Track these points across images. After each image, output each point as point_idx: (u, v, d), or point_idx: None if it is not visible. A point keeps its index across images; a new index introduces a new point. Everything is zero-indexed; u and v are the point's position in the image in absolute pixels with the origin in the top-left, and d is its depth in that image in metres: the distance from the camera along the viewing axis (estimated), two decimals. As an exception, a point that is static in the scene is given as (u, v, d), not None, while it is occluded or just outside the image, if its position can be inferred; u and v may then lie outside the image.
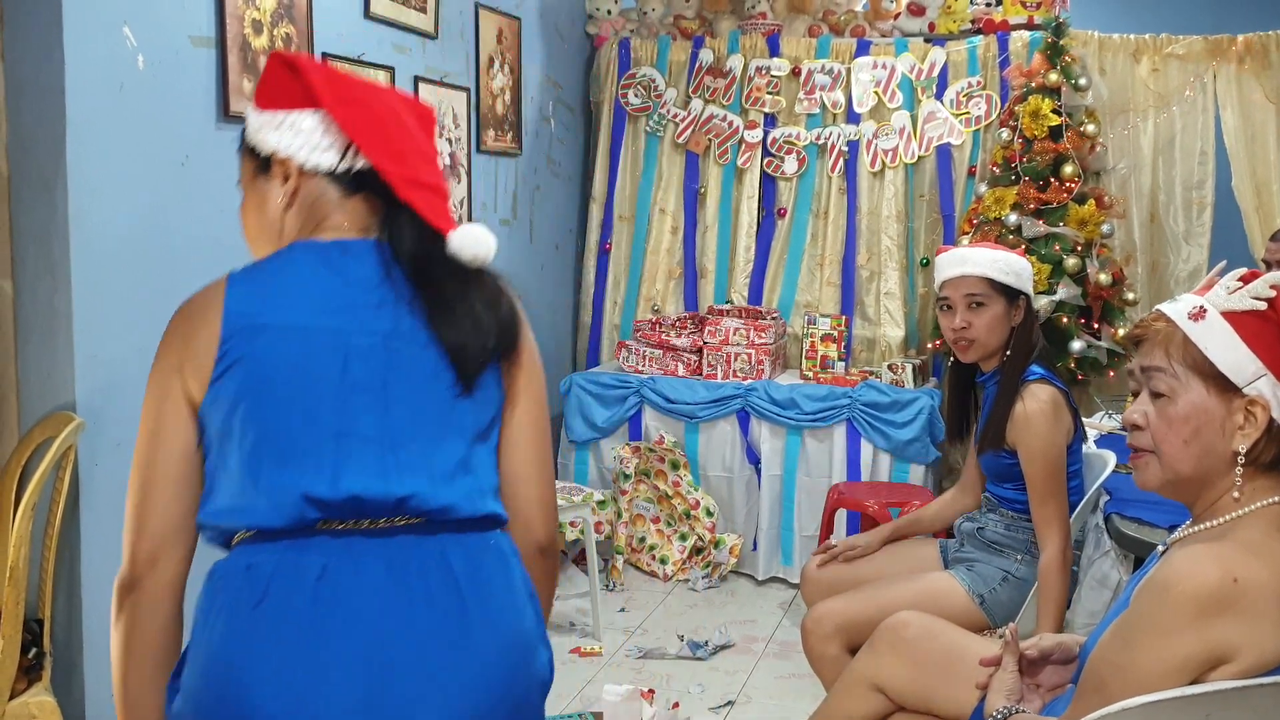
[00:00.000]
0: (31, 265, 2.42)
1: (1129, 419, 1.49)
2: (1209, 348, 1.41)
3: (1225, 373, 1.40)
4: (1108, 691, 1.37)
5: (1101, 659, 1.42)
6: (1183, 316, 1.45)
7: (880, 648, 2.08)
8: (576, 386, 4.40)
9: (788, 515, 4.22)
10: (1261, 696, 1.33)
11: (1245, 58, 4.39)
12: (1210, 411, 1.42)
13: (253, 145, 1.42)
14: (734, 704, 3.24)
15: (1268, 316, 1.40)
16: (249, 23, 2.83)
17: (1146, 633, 1.36)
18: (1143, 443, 1.48)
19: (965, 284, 2.54)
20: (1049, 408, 2.44)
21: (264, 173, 1.42)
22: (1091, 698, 1.40)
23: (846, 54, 4.61)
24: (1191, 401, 1.42)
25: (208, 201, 2.74)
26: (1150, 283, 4.53)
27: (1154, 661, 1.34)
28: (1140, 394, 1.50)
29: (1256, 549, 1.35)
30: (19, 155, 2.42)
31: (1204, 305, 1.44)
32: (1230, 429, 1.41)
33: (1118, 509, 2.51)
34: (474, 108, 4.01)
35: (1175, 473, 1.45)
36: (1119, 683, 1.37)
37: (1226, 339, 1.41)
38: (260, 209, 1.44)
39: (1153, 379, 1.46)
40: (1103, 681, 1.40)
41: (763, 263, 4.74)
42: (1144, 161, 4.50)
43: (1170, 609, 1.33)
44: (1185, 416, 1.43)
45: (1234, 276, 1.45)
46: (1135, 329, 1.52)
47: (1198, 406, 1.42)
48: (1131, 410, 1.49)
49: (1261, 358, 1.39)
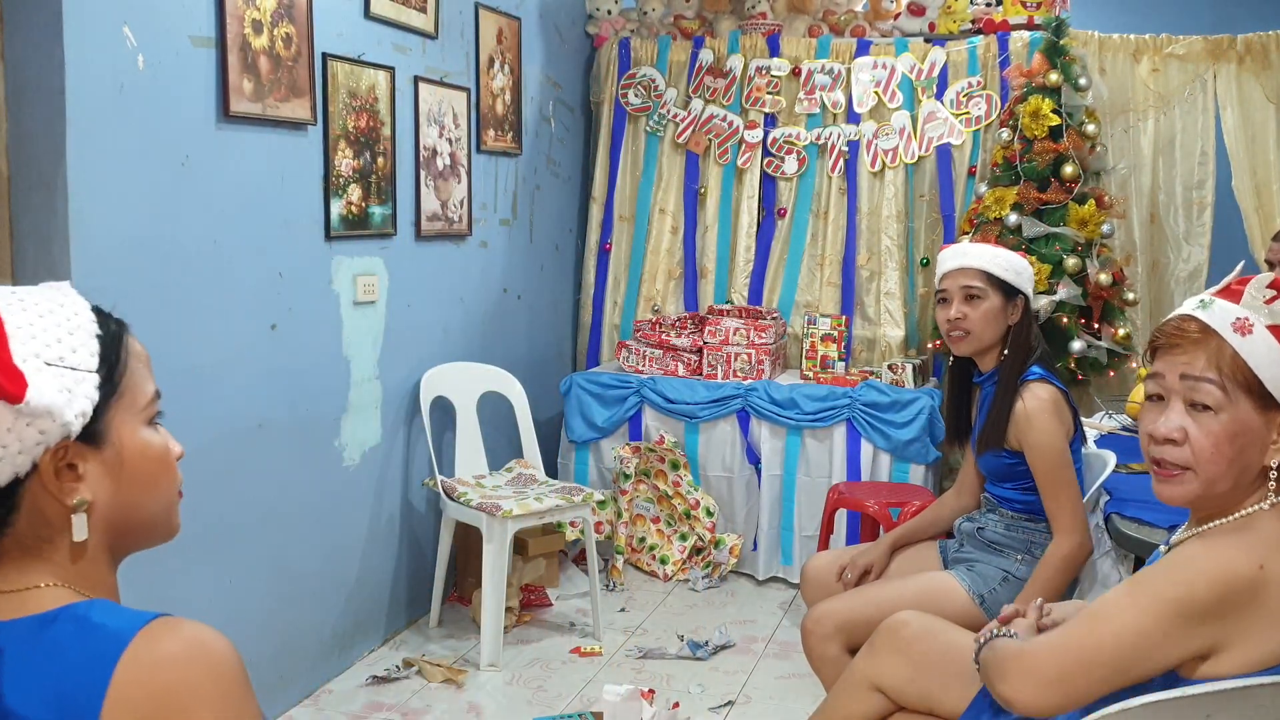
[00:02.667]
0: (31, 265, 2.42)
1: (1164, 434, 1.41)
2: (1259, 365, 1.37)
3: (1272, 391, 1.37)
4: (1097, 621, 1.41)
5: (1106, 596, 1.45)
6: (1227, 328, 1.38)
7: (880, 648, 2.08)
8: (576, 386, 4.40)
9: (788, 515, 4.22)
10: (1262, 696, 1.33)
11: (1245, 58, 4.39)
12: (1255, 430, 1.38)
13: None
14: (734, 704, 3.24)
15: None
16: (249, 23, 2.83)
17: (1162, 583, 1.37)
18: (1179, 459, 1.41)
19: (962, 276, 2.56)
20: (1050, 405, 2.44)
21: None
22: (1084, 622, 1.44)
23: (846, 54, 4.61)
24: (1239, 419, 1.38)
25: (208, 201, 2.74)
26: (1150, 283, 4.52)
27: (1159, 609, 1.35)
28: (1167, 402, 1.43)
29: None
30: (19, 155, 2.42)
31: (1248, 317, 1.38)
32: (1265, 444, 1.39)
33: (1118, 509, 2.51)
34: (474, 107, 4.01)
35: (1213, 490, 1.40)
36: (1115, 613, 1.39)
37: (1272, 355, 1.37)
38: None
39: (1199, 390, 1.39)
40: (1098, 611, 1.42)
41: (763, 263, 4.74)
42: (1144, 161, 4.50)
43: (1193, 579, 1.33)
44: (1232, 434, 1.38)
45: (1263, 284, 1.40)
46: (1169, 333, 1.44)
47: (1245, 424, 1.38)
48: (1165, 424, 1.42)
49: None
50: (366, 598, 3.53)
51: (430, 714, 3.15)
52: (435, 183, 3.75)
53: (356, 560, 3.47)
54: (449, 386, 3.80)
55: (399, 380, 3.62)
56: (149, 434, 1.05)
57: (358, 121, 3.29)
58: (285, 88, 2.96)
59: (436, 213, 3.76)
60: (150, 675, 0.90)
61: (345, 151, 3.25)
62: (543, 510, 3.50)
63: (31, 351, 0.96)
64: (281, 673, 3.13)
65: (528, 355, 4.50)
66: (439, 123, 3.76)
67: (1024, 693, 1.45)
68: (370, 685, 3.32)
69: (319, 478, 3.26)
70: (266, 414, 3.00)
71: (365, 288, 3.39)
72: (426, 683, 3.34)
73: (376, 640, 3.61)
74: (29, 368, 0.94)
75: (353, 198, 3.30)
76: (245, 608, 2.97)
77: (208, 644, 0.94)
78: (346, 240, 3.30)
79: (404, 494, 3.70)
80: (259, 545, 3.00)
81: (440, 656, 3.52)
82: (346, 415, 3.36)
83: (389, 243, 3.51)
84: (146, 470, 1.04)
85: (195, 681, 0.92)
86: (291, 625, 3.17)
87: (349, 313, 3.33)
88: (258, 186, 2.91)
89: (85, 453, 0.99)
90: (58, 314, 1.00)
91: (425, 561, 3.82)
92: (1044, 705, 1.44)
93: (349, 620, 3.44)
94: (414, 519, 3.78)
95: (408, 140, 3.59)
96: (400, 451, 3.67)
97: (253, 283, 2.93)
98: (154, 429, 1.07)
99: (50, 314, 1.00)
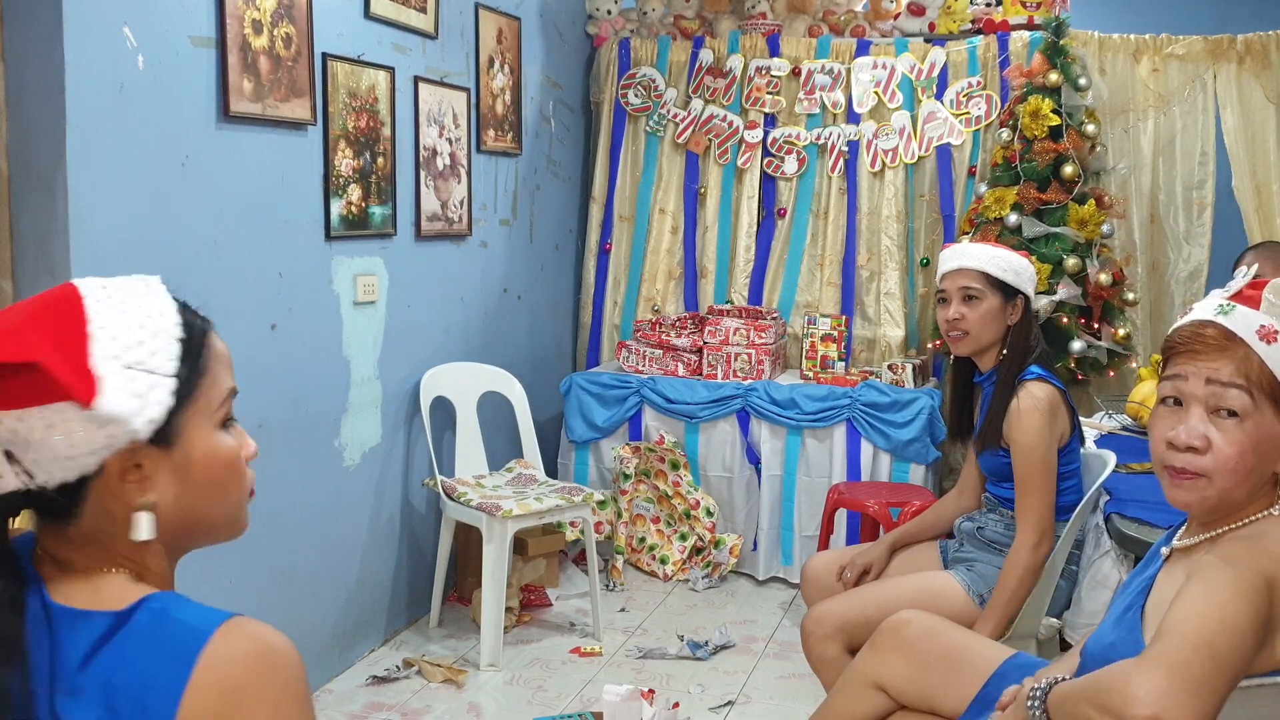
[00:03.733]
0: (31, 265, 2.43)
1: (1185, 442, 1.39)
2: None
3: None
4: (1196, 618, 1.28)
5: (1174, 613, 1.32)
6: (1252, 335, 1.37)
7: (882, 646, 2.08)
8: (576, 386, 4.40)
9: (788, 515, 4.22)
10: (1262, 696, 1.33)
11: (1245, 58, 4.39)
12: (1275, 439, 1.38)
13: None
14: (734, 704, 3.24)
15: None
16: (249, 23, 2.83)
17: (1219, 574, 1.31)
18: (1199, 466, 1.39)
19: (961, 277, 2.56)
20: (1044, 405, 2.44)
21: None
22: (1185, 621, 1.28)
23: (846, 54, 4.61)
24: (1263, 427, 1.37)
25: (208, 201, 2.74)
26: (1150, 283, 4.52)
27: (1236, 588, 1.29)
28: (1186, 408, 1.41)
29: None
30: (19, 155, 2.42)
31: (1273, 325, 1.37)
32: (1278, 451, 1.38)
33: (1118, 509, 2.51)
34: (474, 108, 4.01)
35: (1229, 498, 1.39)
36: (1206, 605, 1.28)
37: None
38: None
39: (1225, 396, 1.37)
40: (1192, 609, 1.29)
41: (763, 263, 4.74)
42: (1144, 161, 4.50)
43: (1240, 573, 1.30)
44: (1255, 443, 1.37)
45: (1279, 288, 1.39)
46: (1187, 337, 1.43)
47: (1267, 433, 1.37)
48: (1187, 432, 1.40)
49: None
50: (366, 598, 3.53)
51: (430, 714, 3.15)
52: (435, 183, 3.75)
53: (356, 560, 3.47)
54: (449, 386, 3.80)
55: (399, 380, 3.62)
56: (220, 437, 1.05)
57: (358, 121, 3.30)
58: (285, 88, 2.96)
59: (436, 213, 3.76)
60: (223, 674, 0.92)
61: (345, 151, 3.25)
62: (543, 510, 3.50)
63: (112, 353, 0.96)
64: (281, 673, 3.12)
65: (528, 355, 4.50)
66: (439, 123, 3.76)
67: (1174, 707, 1.21)
68: (370, 685, 3.32)
69: (319, 478, 3.26)
70: (266, 414, 3.00)
71: (365, 288, 3.39)
72: (427, 683, 3.34)
73: (376, 640, 3.61)
74: (108, 369, 0.95)
75: (353, 198, 3.30)
76: (245, 608, 2.94)
77: (277, 649, 0.96)
78: (346, 240, 3.30)
79: (404, 494, 3.70)
80: (259, 545, 3.00)
81: (440, 656, 3.52)
82: (346, 415, 3.36)
83: (389, 243, 3.51)
84: (214, 474, 1.04)
85: (260, 683, 0.94)
86: (291, 625, 3.16)
87: (349, 313, 3.33)
88: (258, 186, 2.91)
89: (154, 454, 0.99)
90: (143, 313, 1.00)
91: (425, 561, 3.82)
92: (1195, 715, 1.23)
93: (349, 620, 3.44)
94: (414, 519, 3.78)
95: (408, 140, 3.59)
96: (400, 451, 3.67)
97: (253, 283, 2.93)
98: (227, 430, 1.06)
99: (136, 313, 1.00)
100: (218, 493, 1.05)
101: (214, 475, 1.04)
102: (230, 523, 1.09)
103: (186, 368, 1.01)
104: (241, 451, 1.07)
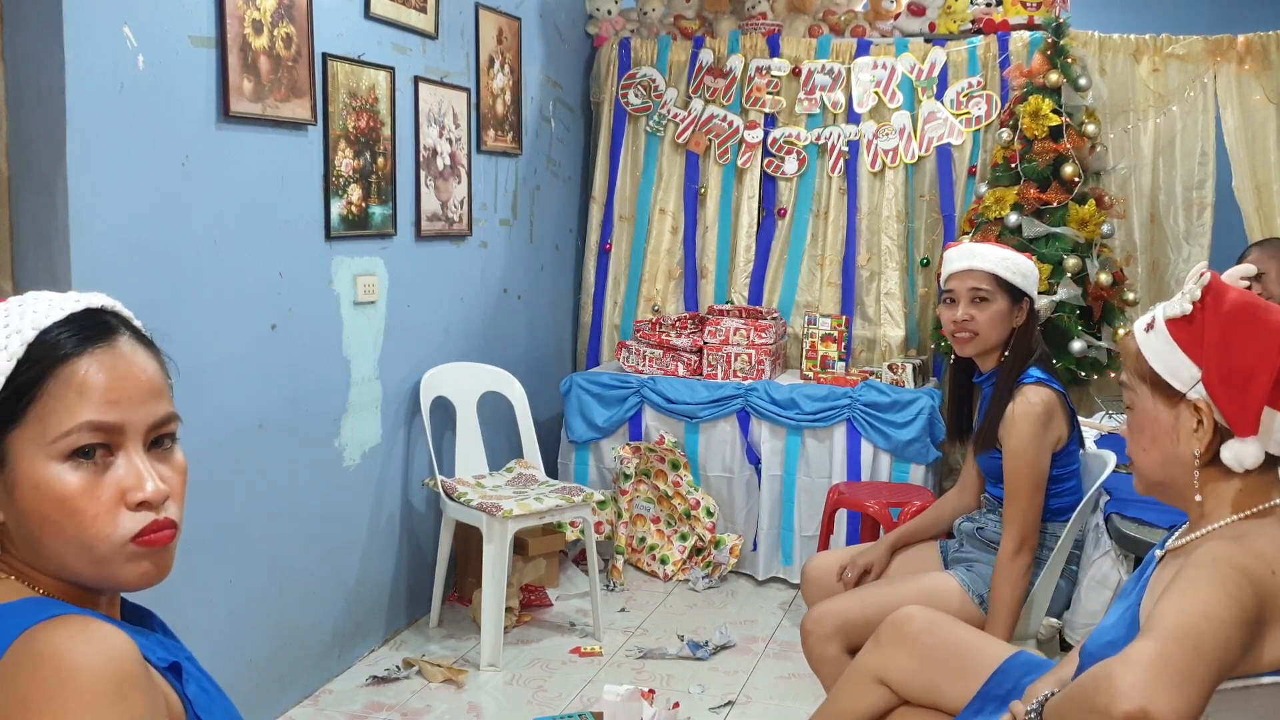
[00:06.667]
0: (31, 266, 2.43)
1: (1122, 432, 1.54)
2: (1152, 356, 1.46)
3: (1166, 379, 1.44)
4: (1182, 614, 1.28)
5: (1158, 610, 1.32)
6: (1140, 329, 1.50)
7: (886, 641, 2.09)
8: (576, 386, 4.40)
9: (788, 515, 4.22)
10: (1262, 696, 1.33)
11: (1245, 58, 4.39)
12: (1160, 419, 1.46)
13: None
14: (734, 704, 3.24)
15: (1193, 318, 1.42)
16: (249, 23, 2.83)
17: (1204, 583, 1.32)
18: (1126, 452, 1.56)
19: (971, 278, 2.55)
20: (1039, 410, 2.44)
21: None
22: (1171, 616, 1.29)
23: (847, 54, 4.61)
24: (1145, 410, 1.48)
25: (208, 202, 2.74)
26: (1150, 283, 4.52)
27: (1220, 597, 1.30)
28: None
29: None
30: (19, 156, 2.42)
31: (1155, 315, 1.48)
32: (1185, 434, 1.43)
33: (1118, 509, 2.51)
34: (474, 108, 4.01)
35: (1147, 479, 1.51)
36: (1190, 602, 1.29)
37: (1165, 345, 1.45)
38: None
39: (1123, 394, 1.53)
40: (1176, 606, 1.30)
41: (763, 263, 4.74)
42: (1144, 162, 4.50)
43: (1221, 570, 1.32)
44: (1140, 425, 1.49)
45: (1194, 280, 1.46)
46: (1120, 346, 1.56)
47: (1149, 415, 1.47)
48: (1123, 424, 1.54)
49: (1194, 360, 1.41)
50: (366, 598, 3.53)
51: (430, 714, 3.15)
52: (435, 183, 3.75)
53: (356, 560, 3.47)
54: (449, 386, 3.80)
55: (399, 380, 3.62)
56: (53, 470, 0.98)
57: (358, 121, 3.30)
58: (285, 88, 2.96)
59: (436, 213, 3.76)
60: (11, 677, 0.90)
61: (345, 151, 3.25)
62: (543, 510, 3.50)
63: None
64: (281, 673, 3.13)
65: (528, 355, 4.50)
66: (439, 123, 3.76)
67: (1158, 699, 1.20)
68: (370, 685, 3.32)
69: (319, 478, 3.26)
70: (267, 414, 3.00)
71: (365, 288, 3.39)
72: (427, 683, 3.34)
73: (376, 640, 3.61)
74: None
75: (353, 198, 3.30)
76: (245, 608, 2.97)
77: (63, 654, 0.90)
78: (346, 240, 3.30)
79: (404, 494, 3.70)
80: (259, 545, 3.00)
81: (440, 656, 3.52)
82: (346, 415, 3.36)
83: (389, 243, 3.51)
84: (39, 508, 0.98)
85: (34, 688, 0.89)
86: (291, 625, 3.17)
87: (349, 313, 3.33)
88: (258, 186, 2.91)
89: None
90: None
91: (425, 561, 3.82)
92: (1182, 709, 1.22)
93: (349, 620, 3.44)
94: (414, 519, 3.78)
95: (408, 140, 3.59)
96: (400, 451, 3.67)
97: (253, 283, 2.93)
98: (71, 464, 0.98)
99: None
100: (47, 528, 0.98)
101: (38, 509, 0.98)
102: (84, 566, 1.00)
103: (14, 391, 0.99)
104: (95, 491, 0.99)
